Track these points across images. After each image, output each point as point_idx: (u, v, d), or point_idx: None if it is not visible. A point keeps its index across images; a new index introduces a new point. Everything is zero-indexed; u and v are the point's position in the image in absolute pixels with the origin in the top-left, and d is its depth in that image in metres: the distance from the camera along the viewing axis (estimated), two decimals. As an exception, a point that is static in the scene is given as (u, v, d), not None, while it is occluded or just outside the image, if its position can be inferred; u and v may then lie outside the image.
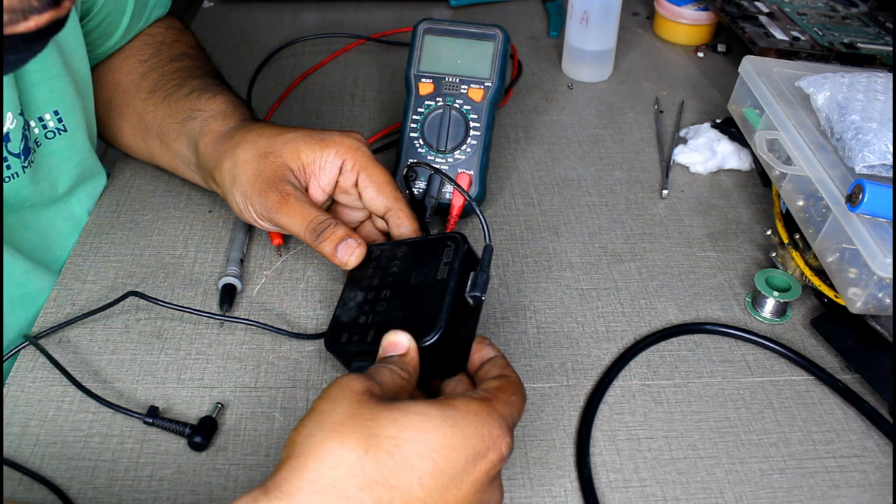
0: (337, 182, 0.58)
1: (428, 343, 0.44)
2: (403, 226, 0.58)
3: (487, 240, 0.51)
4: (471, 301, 0.47)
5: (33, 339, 0.56)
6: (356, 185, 0.58)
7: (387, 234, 0.60)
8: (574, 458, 0.50)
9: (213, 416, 0.51)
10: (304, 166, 0.58)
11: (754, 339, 0.58)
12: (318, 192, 0.58)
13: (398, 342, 0.45)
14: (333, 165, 0.58)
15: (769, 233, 0.64)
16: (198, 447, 0.50)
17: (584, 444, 0.51)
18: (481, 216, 0.53)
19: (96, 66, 0.71)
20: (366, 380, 0.40)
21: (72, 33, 0.62)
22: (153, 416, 0.51)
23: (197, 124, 0.63)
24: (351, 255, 0.54)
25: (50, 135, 0.62)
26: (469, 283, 0.47)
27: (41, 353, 0.54)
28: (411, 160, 0.65)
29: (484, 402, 0.40)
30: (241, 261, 0.62)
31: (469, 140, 0.65)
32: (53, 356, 0.54)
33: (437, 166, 0.65)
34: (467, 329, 0.48)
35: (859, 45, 0.82)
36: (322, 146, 0.58)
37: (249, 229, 0.65)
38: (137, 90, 0.69)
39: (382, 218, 0.59)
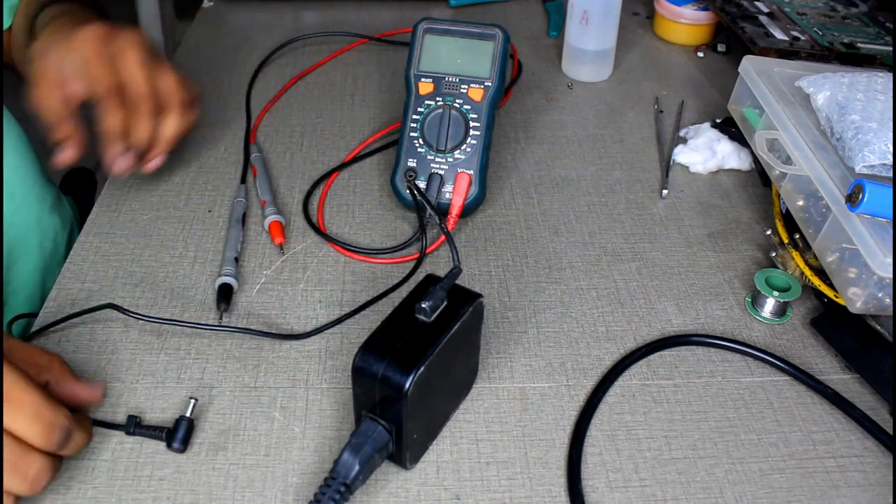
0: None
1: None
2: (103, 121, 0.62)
3: (456, 261, 0.52)
4: (422, 317, 0.47)
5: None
6: None
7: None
8: (566, 458, 0.50)
9: (188, 414, 0.50)
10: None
11: (743, 350, 0.57)
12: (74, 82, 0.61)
13: None
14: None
15: (769, 233, 0.64)
16: (179, 451, 0.49)
17: (578, 445, 0.50)
18: (452, 244, 0.53)
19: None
20: None
21: None
22: (133, 425, 0.50)
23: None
24: (65, 153, 0.61)
25: None
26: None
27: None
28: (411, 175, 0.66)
29: None
30: (236, 259, 0.62)
31: (469, 140, 0.65)
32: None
33: (435, 169, 0.66)
34: (428, 342, 0.47)
35: (859, 45, 0.82)
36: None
37: (242, 227, 0.65)
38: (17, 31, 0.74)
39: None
